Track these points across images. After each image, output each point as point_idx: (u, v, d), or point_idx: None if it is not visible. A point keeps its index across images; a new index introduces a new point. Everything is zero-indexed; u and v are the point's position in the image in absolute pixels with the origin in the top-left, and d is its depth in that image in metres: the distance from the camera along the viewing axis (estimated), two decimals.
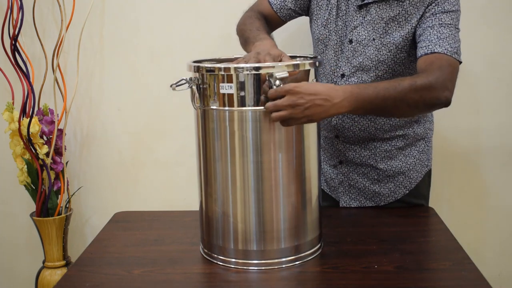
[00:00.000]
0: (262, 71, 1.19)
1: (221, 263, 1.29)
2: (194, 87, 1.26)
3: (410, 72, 1.51)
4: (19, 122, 1.92)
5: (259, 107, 1.21)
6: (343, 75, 1.53)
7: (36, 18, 1.97)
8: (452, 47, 1.39)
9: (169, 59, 2.04)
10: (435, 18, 1.43)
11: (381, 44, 1.49)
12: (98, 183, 2.15)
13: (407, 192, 1.62)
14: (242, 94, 1.20)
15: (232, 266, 1.27)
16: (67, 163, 2.07)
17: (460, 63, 1.41)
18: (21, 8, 1.92)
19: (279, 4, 1.63)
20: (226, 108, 1.22)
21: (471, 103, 2.03)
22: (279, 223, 1.26)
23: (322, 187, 1.67)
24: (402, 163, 1.60)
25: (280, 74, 1.19)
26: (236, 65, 1.22)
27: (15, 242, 2.23)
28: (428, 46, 1.40)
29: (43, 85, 2.01)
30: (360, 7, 1.50)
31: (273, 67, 1.20)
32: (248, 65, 1.21)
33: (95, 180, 2.15)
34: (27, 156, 1.97)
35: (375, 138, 1.58)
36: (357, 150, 1.60)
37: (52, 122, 1.98)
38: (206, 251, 1.33)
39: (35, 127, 1.91)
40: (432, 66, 1.36)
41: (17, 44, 1.95)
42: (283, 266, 1.26)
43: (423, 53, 1.40)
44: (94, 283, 1.23)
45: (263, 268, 1.26)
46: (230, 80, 1.21)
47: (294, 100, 1.18)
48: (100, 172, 2.15)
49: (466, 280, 1.20)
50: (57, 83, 1.98)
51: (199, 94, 1.26)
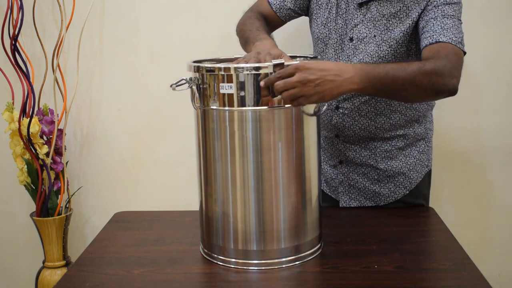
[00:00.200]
0: (262, 71, 1.19)
1: (221, 263, 1.29)
2: (194, 87, 1.26)
3: None
4: (19, 122, 1.92)
5: (259, 107, 1.21)
6: None
7: (36, 18, 1.97)
8: (456, 37, 1.39)
9: (169, 59, 2.04)
10: (437, 10, 1.43)
11: (381, 40, 1.49)
12: (98, 183, 2.15)
13: (407, 192, 1.62)
14: (242, 94, 1.20)
15: (232, 266, 1.27)
16: (67, 163, 2.07)
17: (465, 53, 1.41)
18: (21, 8, 1.92)
19: (278, 4, 1.63)
20: (226, 108, 1.22)
21: (471, 103, 2.03)
22: (279, 223, 1.25)
23: (322, 188, 1.67)
24: (402, 163, 1.60)
25: (276, 61, 1.18)
26: (236, 65, 1.22)
27: (15, 242, 2.23)
28: (433, 36, 1.40)
29: (43, 85, 2.01)
30: (360, 5, 1.50)
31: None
32: (248, 65, 1.21)
33: (95, 180, 2.15)
34: (27, 156, 1.97)
35: (375, 138, 1.58)
36: (357, 150, 1.60)
37: (52, 122, 1.98)
38: (206, 251, 1.33)
39: (35, 127, 1.91)
40: (438, 54, 1.35)
41: (17, 44, 1.95)
42: (283, 266, 1.26)
43: (428, 43, 1.40)
44: (94, 283, 1.23)
45: (263, 268, 1.26)
46: (230, 80, 1.21)
47: (305, 77, 1.17)
48: (100, 172, 2.15)
49: (466, 280, 1.20)
50: (57, 83, 1.98)
51: (199, 94, 1.26)
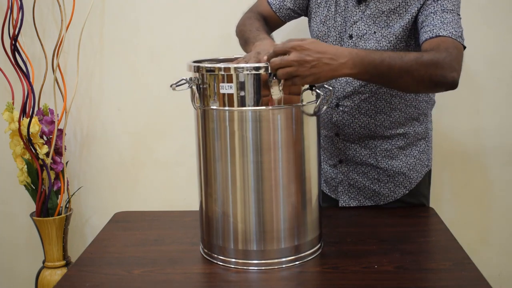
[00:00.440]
0: (262, 71, 1.19)
1: (221, 263, 1.29)
2: (194, 87, 1.26)
3: None
4: (19, 122, 1.92)
5: (259, 107, 1.20)
6: None
7: (36, 18, 1.97)
8: (456, 31, 1.39)
9: (169, 59, 2.04)
10: (437, 5, 1.42)
11: (381, 36, 1.49)
12: (98, 183, 2.15)
13: (407, 192, 1.62)
14: (242, 94, 1.20)
15: (232, 266, 1.27)
16: (67, 163, 2.07)
17: (465, 48, 1.40)
18: (21, 8, 1.92)
19: (278, 4, 1.63)
20: (226, 108, 1.22)
21: (471, 103, 2.03)
22: (279, 223, 1.25)
23: (322, 188, 1.67)
24: (403, 163, 1.60)
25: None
26: (236, 65, 1.22)
27: (15, 242, 2.23)
28: (433, 30, 1.39)
29: (43, 85, 2.01)
30: (359, 2, 1.50)
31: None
32: (248, 65, 1.21)
33: (95, 180, 2.15)
34: (27, 156, 1.97)
35: (375, 136, 1.58)
36: (357, 149, 1.60)
37: (52, 122, 1.98)
38: (206, 251, 1.33)
39: (35, 127, 1.91)
40: (438, 47, 1.35)
41: (17, 44, 1.95)
42: (283, 266, 1.26)
43: (428, 37, 1.39)
44: (94, 283, 1.23)
45: (263, 268, 1.26)
46: (230, 80, 1.21)
47: (302, 57, 1.17)
48: (100, 172, 2.15)
49: (466, 280, 1.20)
50: (57, 83, 1.98)
51: (199, 94, 1.26)
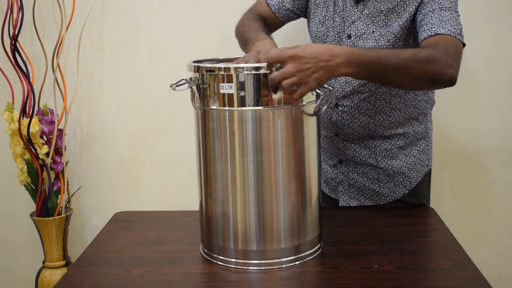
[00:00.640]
0: (262, 71, 1.19)
1: (221, 263, 1.29)
2: (194, 87, 1.26)
3: None
4: (19, 122, 1.92)
5: (259, 107, 1.20)
6: None
7: (36, 18, 1.97)
8: (455, 29, 1.38)
9: (169, 59, 2.04)
10: (434, 3, 1.42)
11: (380, 35, 1.49)
12: (98, 183, 2.15)
13: (407, 192, 1.62)
14: (242, 94, 1.20)
15: (232, 266, 1.27)
16: (67, 163, 2.07)
17: (464, 45, 1.40)
18: (21, 8, 1.92)
19: (277, 5, 1.63)
20: (226, 108, 1.22)
21: (471, 102, 2.03)
22: (279, 223, 1.25)
23: (322, 188, 1.67)
24: (403, 163, 1.60)
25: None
26: (236, 65, 1.22)
27: (15, 242, 2.23)
28: (431, 28, 1.39)
29: (43, 85, 2.01)
30: (357, 2, 1.50)
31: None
32: (248, 65, 1.21)
33: (95, 180, 2.15)
34: (27, 156, 1.97)
35: (375, 136, 1.58)
36: (357, 148, 1.60)
37: (52, 122, 1.98)
38: (206, 251, 1.33)
39: (35, 127, 1.91)
40: (437, 45, 1.35)
41: (17, 44, 1.95)
42: (283, 266, 1.26)
43: (427, 35, 1.39)
44: (94, 283, 1.23)
45: (263, 268, 1.26)
46: (230, 80, 1.21)
47: (300, 66, 1.18)
48: (100, 172, 2.15)
49: (466, 280, 1.20)
50: (57, 83, 1.98)
51: (199, 94, 1.26)
